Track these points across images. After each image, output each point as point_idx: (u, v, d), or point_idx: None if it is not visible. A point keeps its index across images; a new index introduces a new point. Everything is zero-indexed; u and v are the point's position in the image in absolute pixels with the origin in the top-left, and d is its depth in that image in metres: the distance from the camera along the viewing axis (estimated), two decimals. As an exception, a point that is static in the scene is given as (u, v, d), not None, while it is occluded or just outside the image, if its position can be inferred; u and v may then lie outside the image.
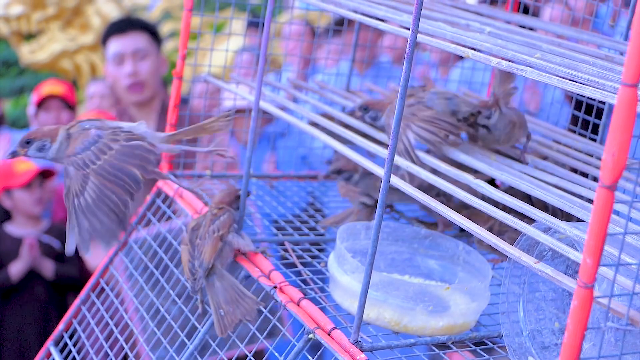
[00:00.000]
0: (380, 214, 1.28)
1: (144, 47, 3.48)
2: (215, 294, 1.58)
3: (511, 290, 1.42)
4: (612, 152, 0.88)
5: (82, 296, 1.94)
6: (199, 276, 1.60)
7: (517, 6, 2.24)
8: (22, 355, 3.58)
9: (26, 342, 3.60)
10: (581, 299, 0.93)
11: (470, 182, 1.39)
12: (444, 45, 1.31)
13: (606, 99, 1.00)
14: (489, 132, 1.62)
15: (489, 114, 1.60)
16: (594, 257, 0.92)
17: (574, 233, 1.12)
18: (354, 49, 2.26)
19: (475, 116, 1.61)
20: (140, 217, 1.98)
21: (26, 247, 3.63)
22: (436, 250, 1.67)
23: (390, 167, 1.27)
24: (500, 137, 1.63)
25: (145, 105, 3.50)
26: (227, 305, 1.55)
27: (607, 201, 0.90)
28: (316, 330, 1.40)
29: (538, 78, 1.14)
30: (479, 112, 1.60)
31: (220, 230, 1.65)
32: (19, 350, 3.62)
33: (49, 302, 3.70)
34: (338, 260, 1.52)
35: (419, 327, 1.43)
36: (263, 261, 1.63)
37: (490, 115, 1.60)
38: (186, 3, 1.93)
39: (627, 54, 0.87)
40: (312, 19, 4.52)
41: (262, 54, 1.58)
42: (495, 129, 1.61)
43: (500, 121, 1.60)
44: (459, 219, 1.26)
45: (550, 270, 1.08)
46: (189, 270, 1.62)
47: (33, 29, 8.16)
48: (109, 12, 8.16)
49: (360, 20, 1.53)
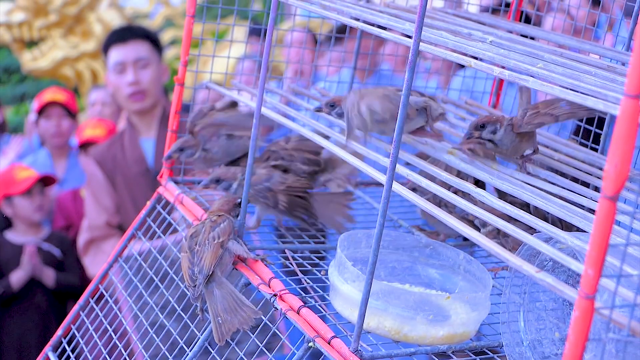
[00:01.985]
0: (381, 223, 1.27)
1: (145, 56, 3.49)
2: (214, 301, 1.58)
3: (512, 299, 1.42)
4: (614, 163, 0.88)
5: (81, 302, 1.94)
6: (199, 283, 1.59)
7: (518, 16, 2.25)
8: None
9: (26, 349, 3.60)
10: (582, 309, 0.93)
11: (471, 191, 1.38)
12: (447, 54, 1.31)
13: (609, 110, 1.00)
14: (495, 146, 1.64)
15: (494, 129, 1.61)
16: (596, 268, 0.92)
17: (575, 243, 1.12)
18: (356, 57, 2.27)
19: (479, 131, 1.62)
20: (140, 222, 1.97)
21: (27, 256, 3.63)
22: (437, 259, 1.67)
23: (392, 175, 1.27)
24: (508, 150, 1.64)
25: (147, 113, 3.50)
26: (225, 313, 1.55)
27: (609, 212, 0.90)
28: (316, 338, 1.39)
29: (540, 88, 1.13)
30: (483, 126, 1.61)
31: (221, 237, 1.64)
32: (19, 357, 3.62)
33: (49, 309, 3.70)
34: (338, 269, 1.51)
35: (419, 336, 1.42)
36: (263, 269, 1.63)
37: (495, 130, 1.61)
38: (188, 9, 1.93)
39: (630, 65, 0.87)
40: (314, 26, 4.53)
41: (264, 61, 1.58)
42: (501, 144, 1.62)
43: (506, 136, 1.62)
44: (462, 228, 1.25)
45: (552, 280, 1.08)
46: (189, 277, 1.62)
47: (35, 36, 8.18)
48: (110, 19, 8.18)
49: (362, 28, 1.53)
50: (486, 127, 1.62)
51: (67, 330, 1.94)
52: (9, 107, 8.95)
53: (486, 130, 1.62)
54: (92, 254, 3.40)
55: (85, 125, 4.50)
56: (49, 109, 4.57)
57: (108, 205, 3.38)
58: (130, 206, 3.33)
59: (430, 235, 1.91)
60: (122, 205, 3.38)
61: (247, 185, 1.68)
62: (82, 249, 3.43)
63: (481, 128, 1.62)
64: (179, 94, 1.97)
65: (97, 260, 3.30)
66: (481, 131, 1.62)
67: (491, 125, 1.62)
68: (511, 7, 2.26)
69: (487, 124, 1.62)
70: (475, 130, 1.62)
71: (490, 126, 1.62)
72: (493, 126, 1.62)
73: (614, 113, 0.94)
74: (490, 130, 1.62)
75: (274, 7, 1.56)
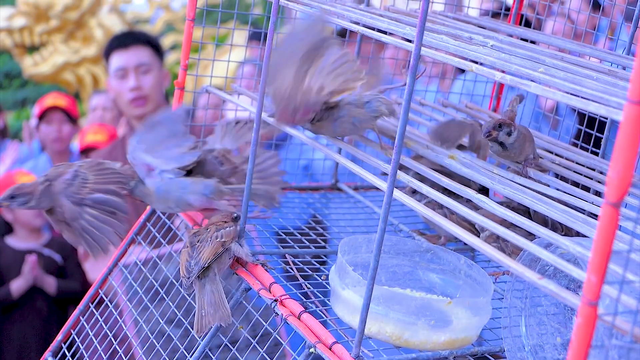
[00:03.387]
0: (382, 228, 1.27)
1: (146, 61, 3.50)
2: (202, 294, 1.59)
3: (513, 304, 1.41)
4: (617, 170, 0.87)
5: (81, 307, 1.94)
6: (193, 274, 1.60)
7: (518, 19, 2.24)
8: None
9: (27, 355, 3.59)
10: (585, 316, 0.92)
11: (472, 197, 1.38)
12: (448, 58, 1.31)
13: (611, 115, 0.99)
14: (503, 149, 1.64)
15: (510, 131, 1.62)
16: (599, 275, 0.91)
17: (577, 250, 1.11)
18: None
19: (498, 131, 1.62)
20: (140, 227, 1.97)
21: (28, 265, 3.63)
22: (438, 263, 1.67)
23: (393, 181, 1.27)
24: (515, 153, 1.65)
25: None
26: (209, 306, 1.57)
27: (612, 219, 0.89)
28: (317, 344, 1.39)
29: (542, 93, 1.13)
30: (500, 127, 1.62)
31: (224, 237, 1.65)
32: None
33: (50, 315, 3.69)
34: (339, 274, 1.51)
35: (421, 341, 1.42)
36: (264, 274, 1.63)
37: (511, 133, 1.62)
38: (188, 13, 1.93)
39: (633, 70, 0.86)
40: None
41: (264, 65, 1.58)
42: (512, 148, 1.63)
43: (517, 139, 1.62)
44: (462, 234, 1.25)
45: (554, 287, 1.07)
46: (185, 269, 1.62)
47: (36, 42, 8.19)
48: (111, 24, 8.19)
49: (363, 32, 1.53)
50: (503, 128, 1.63)
51: (67, 335, 1.94)
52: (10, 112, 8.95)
53: (502, 131, 1.63)
54: (93, 259, 3.40)
55: (86, 131, 4.50)
56: (49, 114, 4.57)
57: (109, 211, 3.38)
58: (132, 211, 3.33)
59: (431, 238, 1.91)
60: (123, 210, 3.38)
61: (247, 190, 1.67)
62: (82, 254, 3.43)
63: (499, 128, 1.63)
64: (179, 97, 1.97)
65: (98, 265, 3.30)
66: (499, 132, 1.63)
67: (507, 127, 1.63)
68: (511, 11, 2.25)
69: (504, 125, 1.63)
70: (494, 129, 1.62)
71: (506, 128, 1.63)
72: (508, 129, 1.63)
73: (617, 118, 0.93)
74: (505, 132, 1.63)
75: (274, 10, 1.56)
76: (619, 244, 1.11)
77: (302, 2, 1.68)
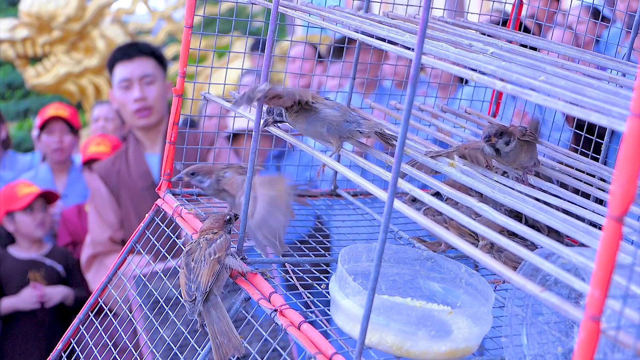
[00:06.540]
0: (383, 239, 1.26)
1: (151, 72, 3.54)
2: (211, 321, 1.59)
3: (514, 313, 1.40)
4: (621, 183, 0.86)
5: (81, 316, 1.93)
6: (198, 301, 1.58)
7: (517, 25, 2.24)
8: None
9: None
10: (588, 330, 0.91)
11: (473, 206, 1.37)
12: (448, 67, 1.30)
13: (613, 126, 0.97)
14: (497, 154, 1.64)
15: (509, 141, 1.62)
16: (602, 289, 0.90)
17: (579, 260, 1.10)
18: (355, 68, 2.26)
19: (498, 138, 1.62)
20: (139, 235, 1.96)
21: (34, 294, 3.65)
22: (438, 272, 1.65)
23: (393, 190, 1.25)
24: (508, 161, 1.65)
25: (152, 128, 3.55)
26: (222, 336, 1.56)
27: (616, 233, 0.88)
28: (317, 355, 1.37)
29: (543, 103, 1.11)
30: (501, 135, 1.62)
31: (217, 253, 1.63)
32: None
33: (52, 324, 3.69)
34: (339, 283, 1.49)
35: (421, 351, 1.40)
36: (263, 283, 1.61)
37: (509, 142, 1.62)
38: (186, 20, 1.93)
39: (636, 83, 0.85)
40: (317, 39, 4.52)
41: (264, 72, 1.57)
42: (505, 156, 1.64)
43: (513, 150, 1.63)
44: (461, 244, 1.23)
45: (557, 300, 1.05)
46: (186, 293, 1.61)
47: (38, 52, 8.20)
48: (113, 35, 8.20)
49: (362, 39, 1.52)
50: (503, 137, 1.63)
51: (67, 344, 1.93)
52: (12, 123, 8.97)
53: (502, 140, 1.63)
54: (95, 269, 3.41)
55: (89, 142, 4.51)
56: (51, 124, 4.58)
57: (111, 221, 3.39)
58: (135, 221, 3.34)
59: (431, 246, 1.90)
60: (126, 220, 3.40)
61: (246, 198, 1.66)
62: (84, 264, 3.44)
63: (500, 136, 1.63)
64: (177, 105, 1.97)
65: (100, 275, 3.31)
66: (498, 139, 1.62)
67: (507, 136, 1.64)
68: (510, 16, 2.25)
69: (505, 134, 1.63)
70: (494, 136, 1.63)
71: (506, 137, 1.64)
72: (508, 138, 1.63)
73: (619, 129, 0.92)
74: (505, 141, 1.63)
75: (273, 18, 1.56)
76: (622, 255, 1.10)
77: (301, 9, 1.68)
